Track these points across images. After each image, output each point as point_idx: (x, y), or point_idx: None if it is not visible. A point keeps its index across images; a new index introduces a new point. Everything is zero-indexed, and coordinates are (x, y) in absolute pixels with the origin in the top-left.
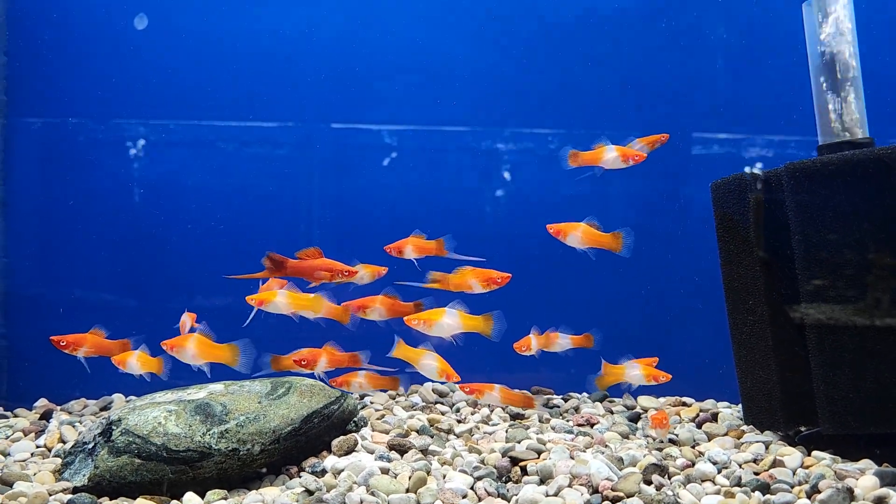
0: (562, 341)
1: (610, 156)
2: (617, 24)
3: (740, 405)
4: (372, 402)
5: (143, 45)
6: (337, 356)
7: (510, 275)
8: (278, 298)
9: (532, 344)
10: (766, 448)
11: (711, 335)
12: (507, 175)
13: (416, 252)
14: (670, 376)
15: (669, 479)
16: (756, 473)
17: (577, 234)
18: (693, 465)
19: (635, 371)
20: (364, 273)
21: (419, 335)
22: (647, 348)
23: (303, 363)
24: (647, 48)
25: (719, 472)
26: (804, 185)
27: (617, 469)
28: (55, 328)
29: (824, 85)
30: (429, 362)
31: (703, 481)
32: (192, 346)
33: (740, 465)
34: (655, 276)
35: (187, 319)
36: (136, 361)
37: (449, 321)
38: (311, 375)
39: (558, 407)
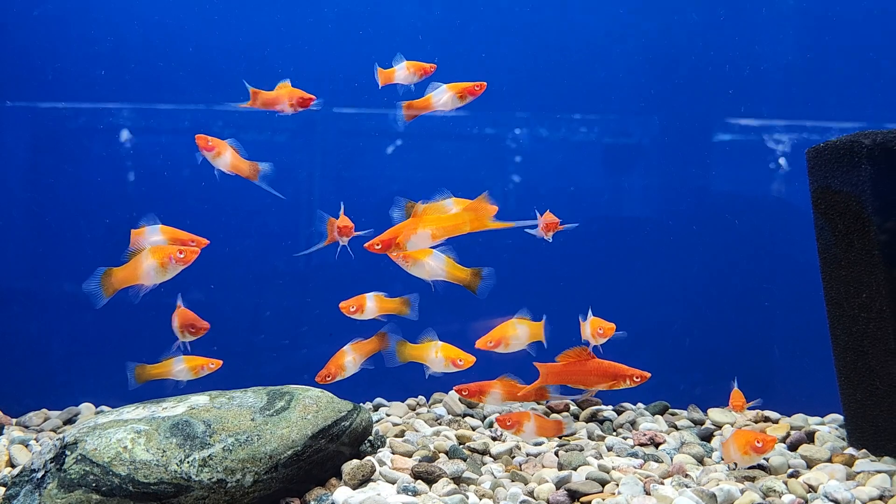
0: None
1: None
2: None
3: (835, 422)
4: (388, 416)
5: (133, 24)
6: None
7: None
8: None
9: None
10: (892, 479)
11: (791, 338)
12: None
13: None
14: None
15: None
16: None
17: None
18: (806, 503)
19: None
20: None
21: None
22: (719, 360)
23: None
24: (674, 30)
25: None
26: None
27: None
28: (17, 324)
29: None
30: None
31: None
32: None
33: None
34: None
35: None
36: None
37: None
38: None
39: (610, 421)
